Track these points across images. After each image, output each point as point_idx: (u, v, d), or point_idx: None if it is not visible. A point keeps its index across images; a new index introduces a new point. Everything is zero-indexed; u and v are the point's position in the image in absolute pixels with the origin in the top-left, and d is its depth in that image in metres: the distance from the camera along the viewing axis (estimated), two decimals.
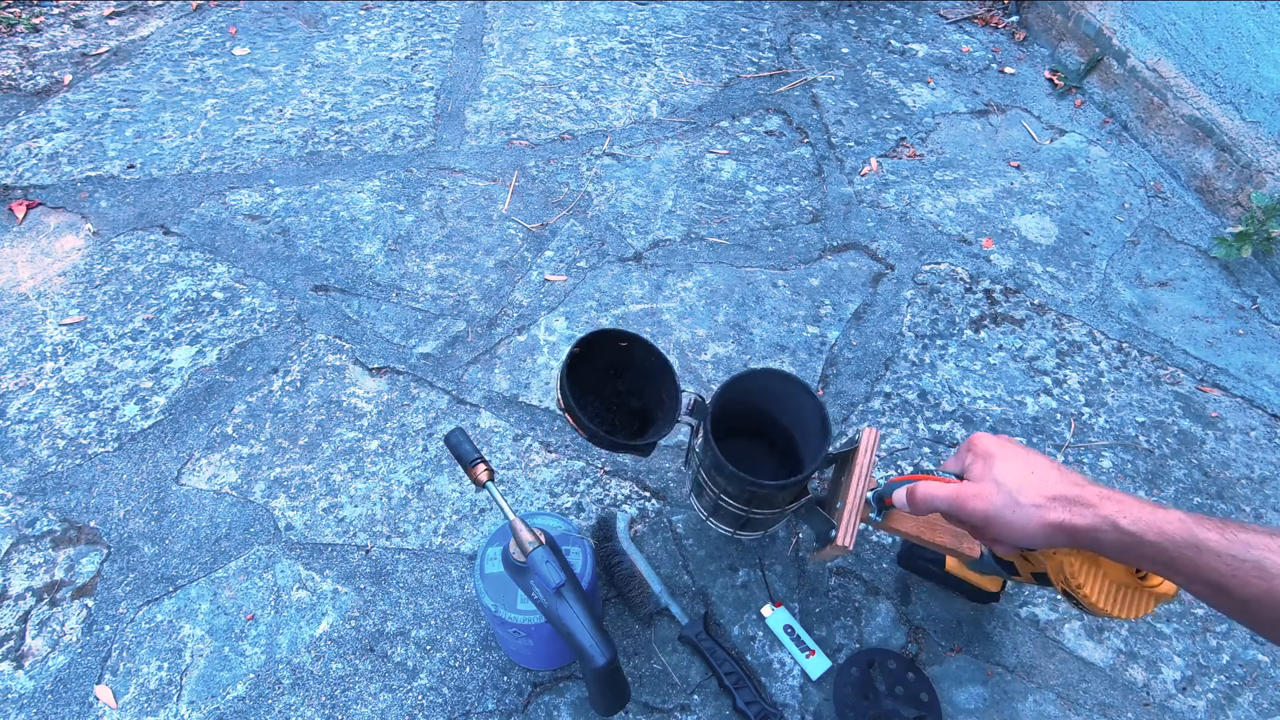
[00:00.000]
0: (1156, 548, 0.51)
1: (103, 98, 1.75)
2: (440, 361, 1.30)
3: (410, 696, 0.95)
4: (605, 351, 0.90)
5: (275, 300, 1.37)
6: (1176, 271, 1.49)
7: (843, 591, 1.05)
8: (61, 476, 1.14)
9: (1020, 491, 0.58)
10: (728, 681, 0.94)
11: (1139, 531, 0.52)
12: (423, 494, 1.13)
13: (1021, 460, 0.60)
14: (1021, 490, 0.58)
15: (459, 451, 0.83)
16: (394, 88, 1.81)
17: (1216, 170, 1.58)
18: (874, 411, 1.25)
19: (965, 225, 1.55)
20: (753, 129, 1.74)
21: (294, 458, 1.17)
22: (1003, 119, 1.80)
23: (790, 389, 0.91)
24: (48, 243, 1.46)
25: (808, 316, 1.38)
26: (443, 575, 1.05)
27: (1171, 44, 1.65)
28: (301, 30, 1.97)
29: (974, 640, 1.01)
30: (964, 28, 2.08)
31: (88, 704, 0.95)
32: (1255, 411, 1.27)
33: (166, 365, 1.28)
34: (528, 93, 1.81)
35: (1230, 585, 0.48)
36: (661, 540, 1.09)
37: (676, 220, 1.54)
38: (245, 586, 1.04)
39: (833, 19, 2.08)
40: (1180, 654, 1.01)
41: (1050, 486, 0.57)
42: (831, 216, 1.56)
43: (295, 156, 1.64)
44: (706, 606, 1.03)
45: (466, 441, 0.83)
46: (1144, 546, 0.52)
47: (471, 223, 1.52)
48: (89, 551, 1.07)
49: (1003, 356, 1.33)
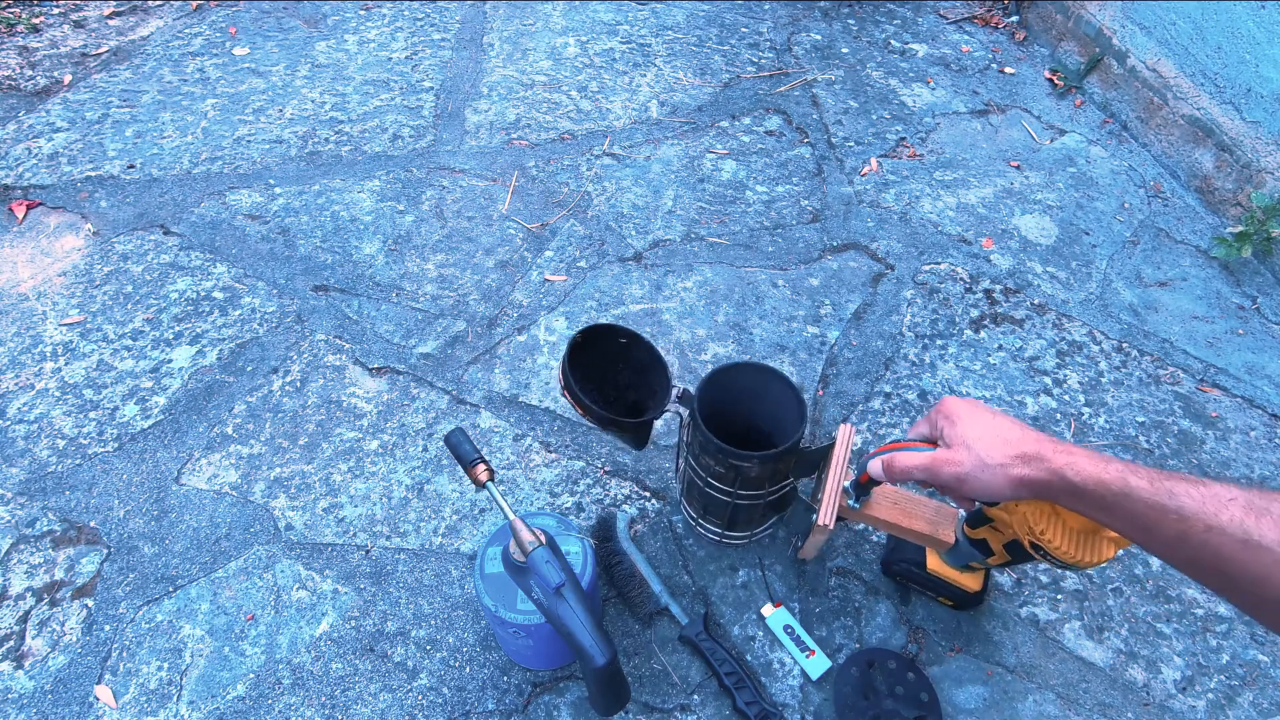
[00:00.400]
0: (1096, 495, 0.57)
1: (103, 98, 1.75)
2: (440, 361, 1.30)
3: (410, 696, 0.95)
4: (606, 345, 0.93)
5: (275, 300, 1.37)
6: (1176, 271, 1.49)
7: (843, 591, 1.05)
8: (61, 476, 1.14)
9: (988, 454, 0.64)
10: (728, 681, 0.94)
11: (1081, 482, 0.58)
12: (423, 494, 1.13)
13: (987, 422, 0.66)
14: (989, 452, 0.64)
15: (459, 451, 0.83)
16: (394, 88, 1.81)
17: (1216, 170, 1.58)
18: (874, 411, 1.25)
19: (965, 225, 1.55)
20: (753, 129, 1.74)
21: (294, 458, 1.17)
22: (1003, 119, 1.80)
23: (767, 379, 0.95)
24: (48, 243, 1.46)
25: (808, 316, 1.38)
26: (443, 575, 1.05)
27: (1171, 44, 1.65)
28: (301, 30, 1.97)
29: (974, 640, 1.01)
30: (964, 28, 2.08)
31: (88, 704, 0.95)
32: (1255, 411, 1.27)
33: (166, 365, 1.28)
34: (528, 93, 1.81)
35: (1153, 528, 0.54)
36: (661, 540, 1.09)
37: (676, 220, 1.54)
38: (245, 586, 1.04)
39: (833, 19, 2.08)
40: (1180, 654, 1.01)
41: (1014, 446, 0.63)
42: (831, 216, 1.56)
43: (295, 156, 1.64)
44: (706, 606, 1.03)
45: (466, 441, 0.83)
46: (1087, 495, 0.58)
47: (471, 223, 1.52)
48: (89, 551, 1.07)
49: (1003, 356, 1.33)
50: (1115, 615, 1.04)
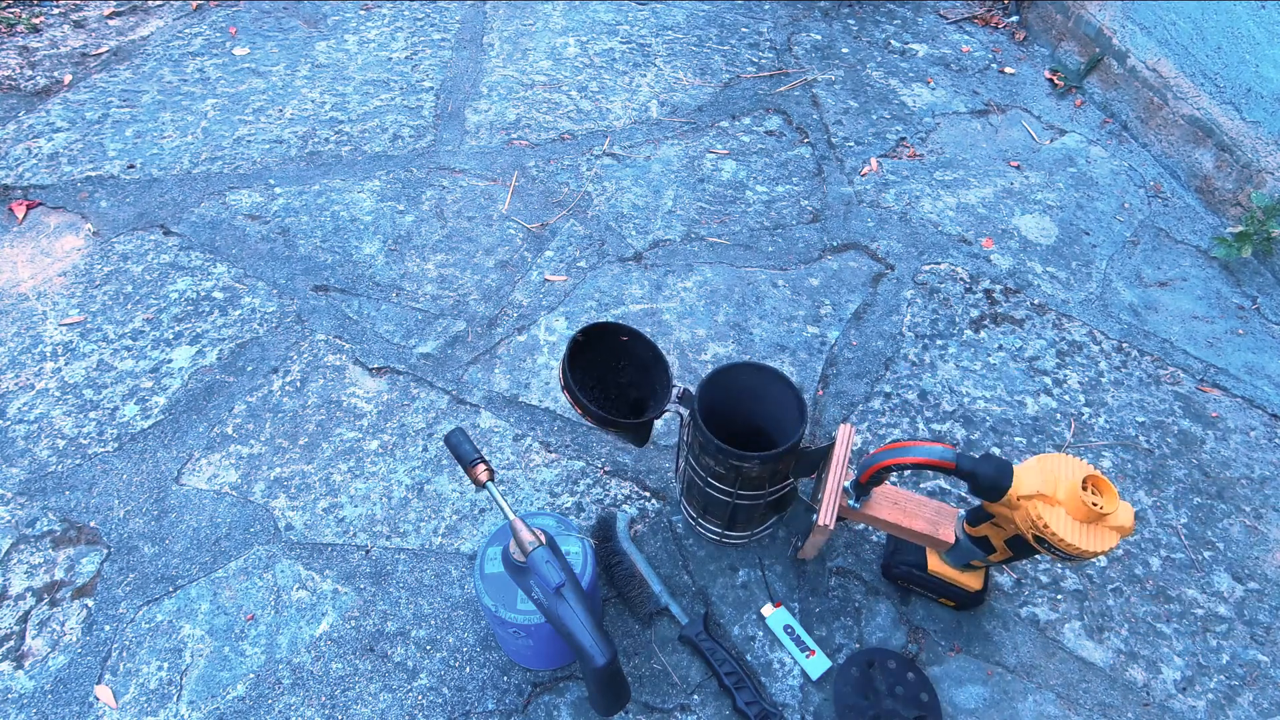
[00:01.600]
0: None
1: (103, 98, 1.75)
2: (440, 361, 1.30)
3: (410, 696, 0.95)
4: (608, 344, 0.94)
5: (275, 300, 1.37)
6: (1176, 271, 1.49)
7: (843, 591, 1.05)
8: (61, 476, 1.14)
9: None
10: (728, 682, 0.94)
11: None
12: (423, 494, 1.13)
13: None
14: None
15: (459, 451, 0.83)
16: (394, 88, 1.80)
17: (1216, 170, 1.58)
18: (874, 411, 1.25)
19: (965, 225, 1.55)
20: (753, 129, 1.74)
21: (294, 458, 1.17)
22: (1003, 119, 1.80)
23: (767, 379, 0.95)
24: (48, 243, 1.46)
25: (808, 316, 1.38)
26: (443, 575, 1.05)
27: (1171, 44, 1.65)
28: (301, 30, 1.97)
29: (974, 640, 1.01)
30: (964, 28, 2.07)
31: (88, 704, 0.95)
32: (1255, 411, 1.27)
33: (166, 365, 1.28)
34: (528, 93, 1.81)
35: None
36: (661, 540, 1.09)
37: (676, 220, 1.54)
38: (245, 586, 1.04)
39: (833, 19, 2.08)
40: (1180, 654, 1.01)
41: None
42: (831, 216, 1.56)
43: (295, 156, 1.64)
44: (706, 606, 1.03)
45: (466, 441, 0.83)
46: None
47: (471, 223, 1.52)
48: (89, 551, 1.07)
49: (1003, 356, 1.33)
50: (1115, 615, 1.04)
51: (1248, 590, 1.07)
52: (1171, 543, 1.11)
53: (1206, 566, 1.09)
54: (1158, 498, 1.16)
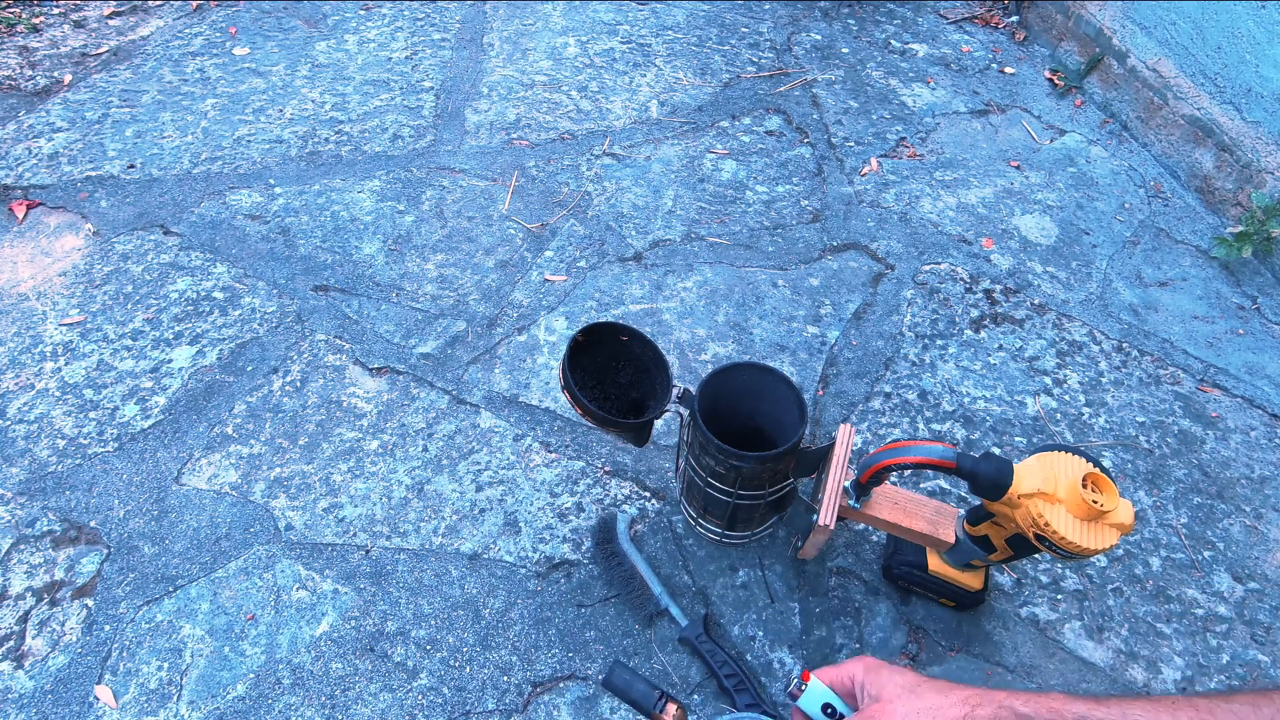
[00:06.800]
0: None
1: (103, 98, 1.75)
2: (440, 361, 1.30)
3: (410, 696, 0.95)
4: (607, 343, 0.93)
5: (275, 300, 1.37)
6: (1176, 271, 1.49)
7: (843, 591, 1.05)
8: (61, 476, 1.14)
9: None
10: (728, 684, 0.94)
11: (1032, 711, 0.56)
12: (423, 494, 1.13)
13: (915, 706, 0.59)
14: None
15: (630, 695, 0.64)
16: (394, 88, 1.81)
17: (1216, 170, 1.58)
18: (874, 411, 1.25)
19: (965, 225, 1.55)
20: (753, 129, 1.74)
21: (294, 458, 1.17)
22: (1003, 119, 1.80)
23: (767, 380, 0.94)
24: (48, 243, 1.46)
25: (808, 316, 1.38)
26: (443, 575, 1.05)
27: (1171, 44, 1.65)
28: (301, 30, 1.97)
29: (974, 640, 1.01)
30: (964, 28, 2.07)
31: (88, 704, 0.95)
32: (1255, 411, 1.27)
33: (166, 365, 1.28)
34: (528, 93, 1.81)
35: None
36: (661, 540, 1.09)
37: (676, 220, 1.54)
38: (245, 586, 1.04)
39: (833, 19, 2.08)
40: (1180, 654, 1.01)
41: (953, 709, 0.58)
42: (831, 216, 1.56)
43: (295, 156, 1.64)
44: (706, 607, 1.03)
45: (637, 680, 0.64)
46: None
47: (471, 223, 1.52)
48: (89, 551, 1.07)
49: (1003, 356, 1.33)
50: (1115, 615, 1.04)
51: (1248, 590, 1.07)
52: (1171, 542, 1.11)
53: (1206, 566, 1.09)
54: (1158, 498, 1.16)
